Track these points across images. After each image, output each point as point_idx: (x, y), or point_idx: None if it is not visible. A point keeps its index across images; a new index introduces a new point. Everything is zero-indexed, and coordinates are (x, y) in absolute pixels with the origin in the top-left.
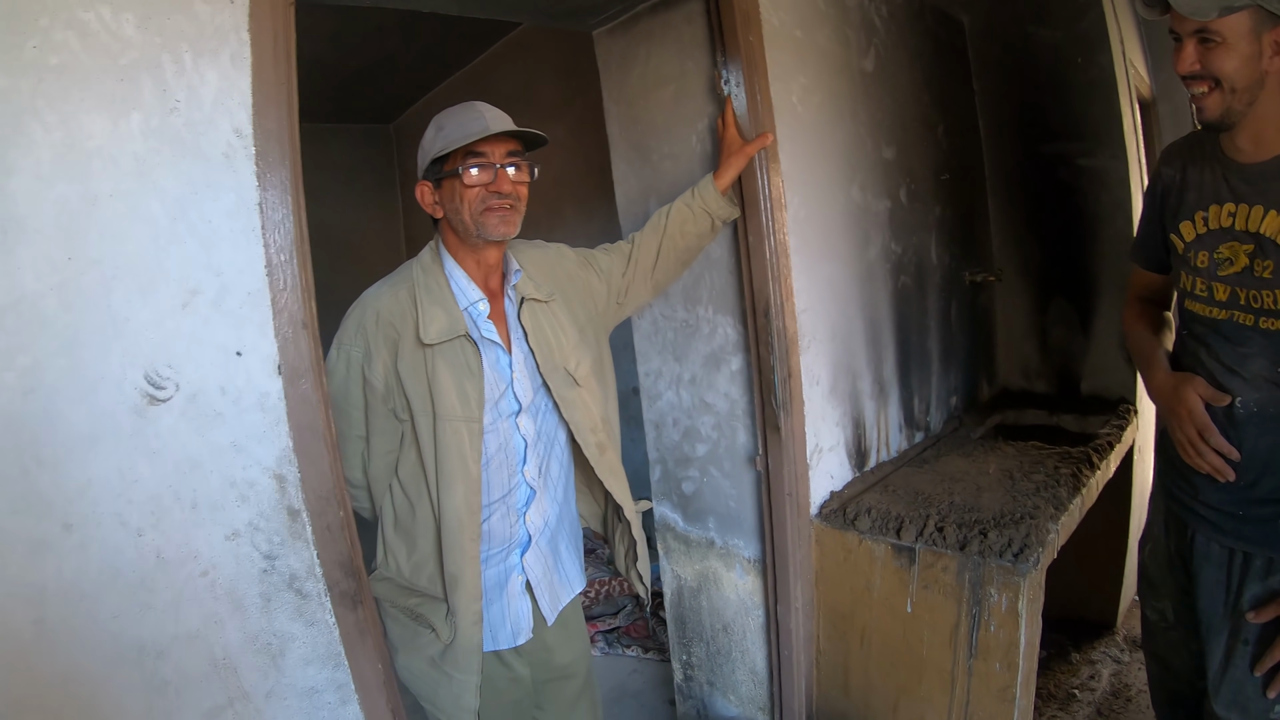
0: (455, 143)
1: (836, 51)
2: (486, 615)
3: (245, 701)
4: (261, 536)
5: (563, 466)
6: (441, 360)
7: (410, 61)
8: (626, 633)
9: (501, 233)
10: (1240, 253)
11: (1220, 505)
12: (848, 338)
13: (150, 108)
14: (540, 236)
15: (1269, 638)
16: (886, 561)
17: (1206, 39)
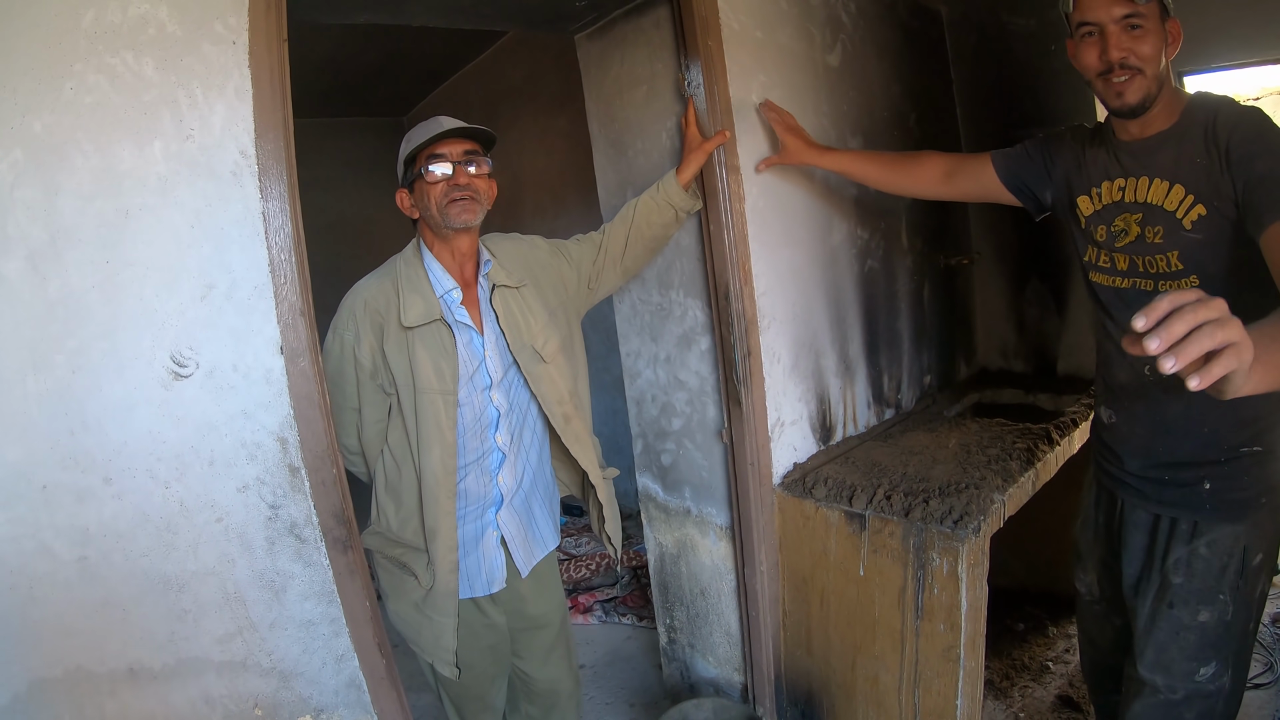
0: (417, 145)
1: (799, 49)
2: (463, 565)
3: (252, 630)
4: (267, 489)
5: (536, 435)
6: (420, 341)
7: (421, 57)
8: (623, 602)
9: (464, 220)
10: (1132, 223)
11: (1143, 472)
12: (809, 318)
13: (169, 136)
14: (545, 223)
15: (1191, 600)
16: (840, 527)
17: (1134, 24)
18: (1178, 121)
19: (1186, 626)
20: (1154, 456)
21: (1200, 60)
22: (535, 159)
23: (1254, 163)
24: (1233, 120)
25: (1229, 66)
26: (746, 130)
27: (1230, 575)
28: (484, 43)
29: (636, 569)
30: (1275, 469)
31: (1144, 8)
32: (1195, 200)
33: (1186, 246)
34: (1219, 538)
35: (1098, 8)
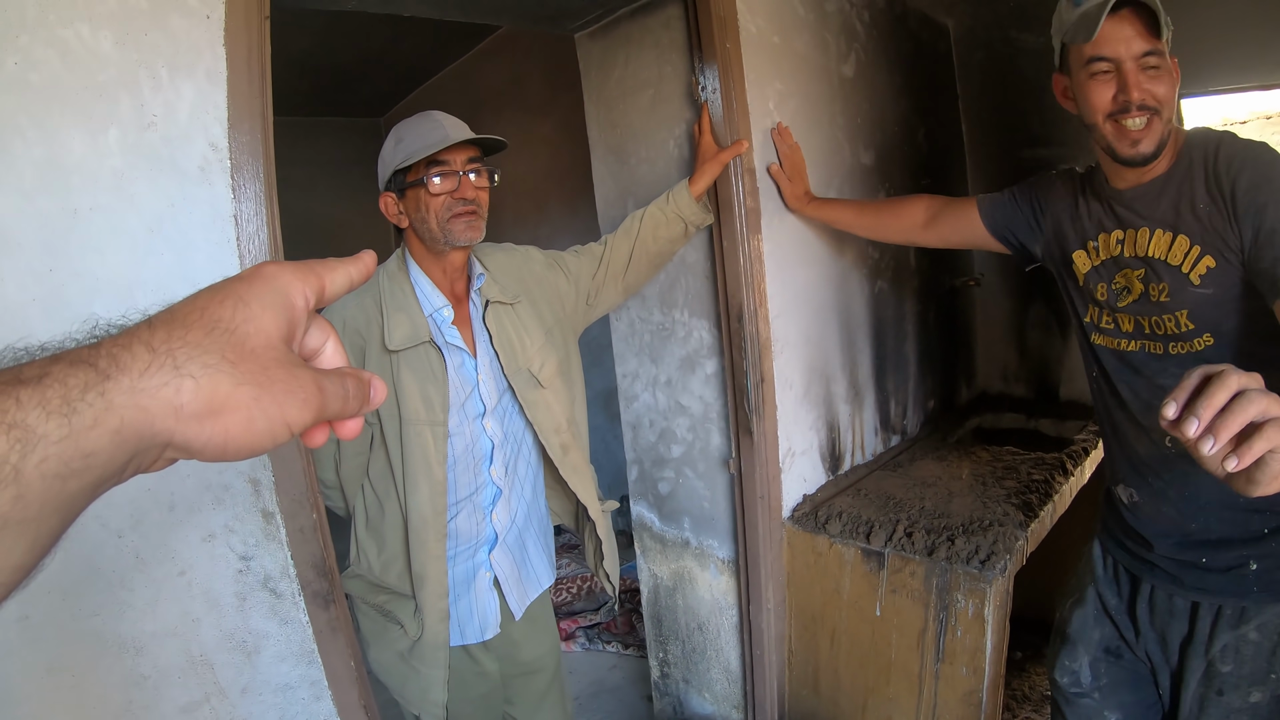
0: (418, 154)
1: (814, 57)
2: (454, 611)
3: (221, 697)
4: (236, 538)
5: (530, 466)
6: (406, 366)
7: (400, 57)
8: (607, 629)
9: (469, 238)
10: (1134, 279)
11: (1177, 555)
12: (822, 342)
13: (128, 123)
14: (527, 231)
15: (1243, 685)
16: (856, 565)
17: (1153, 65)
18: (1175, 163)
19: (1238, 710)
20: (1188, 536)
21: (1195, 84)
22: (517, 165)
23: (1265, 213)
24: (1237, 160)
25: (1223, 91)
26: (764, 140)
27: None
28: (466, 44)
29: (622, 594)
30: None
31: (1162, 45)
32: (1202, 252)
33: (1196, 304)
34: (1269, 619)
35: (1117, 42)
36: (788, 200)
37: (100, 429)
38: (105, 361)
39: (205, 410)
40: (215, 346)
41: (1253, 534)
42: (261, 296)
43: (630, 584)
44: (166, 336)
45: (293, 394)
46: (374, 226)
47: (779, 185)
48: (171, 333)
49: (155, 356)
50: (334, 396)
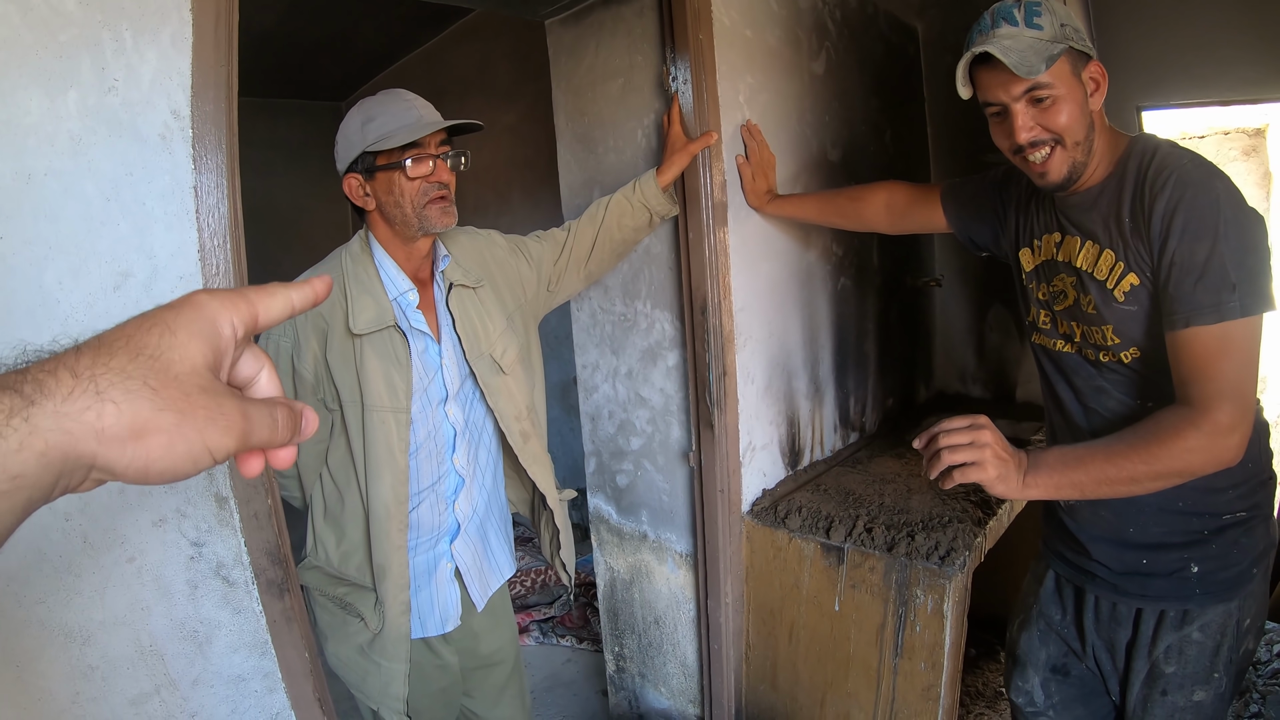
0: (396, 136)
1: (787, 52)
2: (415, 602)
3: (172, 689)
4: (189, 523)
5: (491, 454)
6: (370, 350)
7: (365, 39)
8: (561, 622)
9: (445, 224)
10: (1068, 285)
11: (1117, 563)
12: (784, 337)
13: (88, 86)
14: (487, 220)
15: (1186, 684)
16: (815, 560)
17: (1040, 98)
18: (1111, 173)
19: (1182, 709)
20: (1126, 541)
21: (1156, 98)
22: (480, 153)
23: (1169, 240)
24: (1162, 178)
25: (1183, 105)
26: (734, 133)
27: (1225, 652)
28: (433, 28)
29: (576, 587)
30: (1262, 533)
31: (1046, 76)
32: (1126, 269)
33: (1120, 320)
34: (1211, 620)
35: (995, 88)
36: (749, 197)
37: (26, 452)
38: (30, 387)
39: (126, 434)
40: (139, 373)
41: (1192, 537)
42: (189, 325)
43: (585, 578)
44: (91, 362)
45: (214, 421)
46: (334, 211)
47: (742, 179)
48: (96, 359)
49: (79, 382)
50: (261, 425)
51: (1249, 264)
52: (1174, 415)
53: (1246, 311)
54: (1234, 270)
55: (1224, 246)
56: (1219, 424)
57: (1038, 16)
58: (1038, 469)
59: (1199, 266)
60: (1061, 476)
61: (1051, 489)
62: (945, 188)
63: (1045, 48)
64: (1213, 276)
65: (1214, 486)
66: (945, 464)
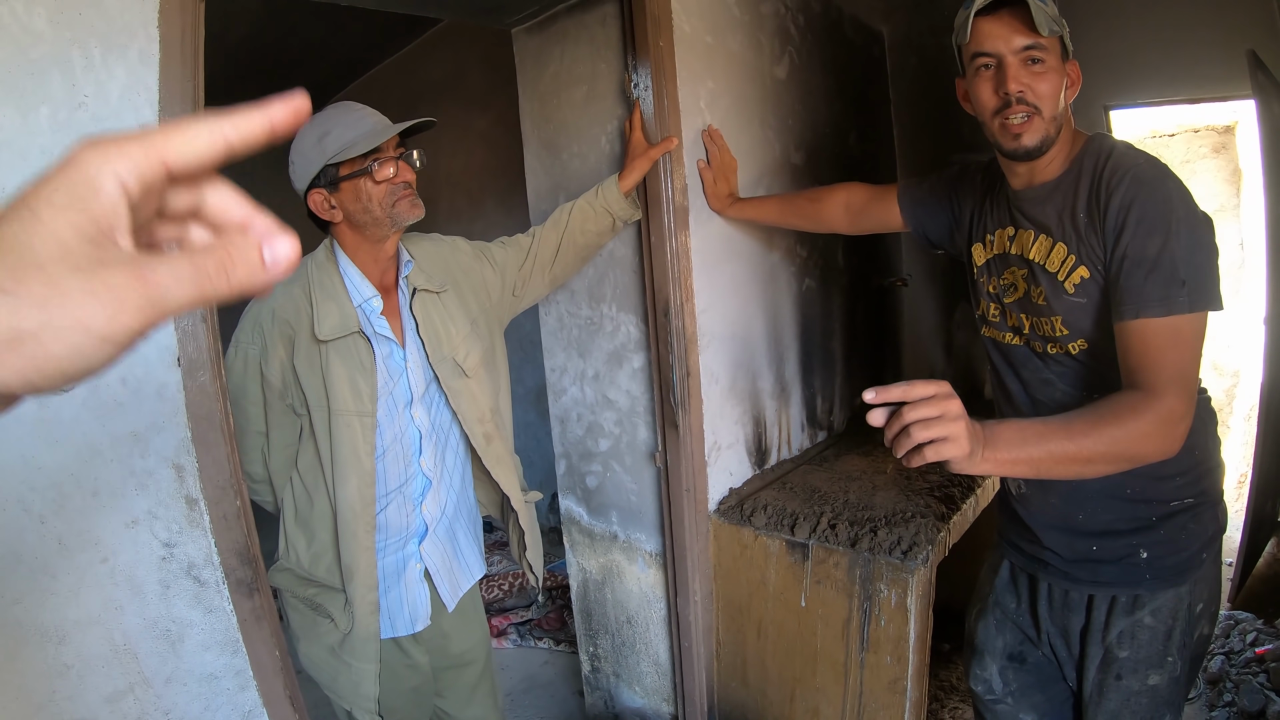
0: (357, 145)
1: (748, 57)
2: (384, 603)
3: (145, 687)
4: (160, 524)
5: (459, 456)
6: (336, 356)
7: (340, 48)
8: (538, 625)
9: (415, 215)
10: (1019, 278)
11: (1067, 550)
12: (748, 338)
13: (59, 102)
14: (460, 226)
15: (1140, 669)
16: (781, 557)
17: (1035, 58)
18: (1067, 170)
19: (1137, 693)
20: (1075, 527)
21: (1125, 96)
22: (454, 160)
23: (1123, 234)
24: (1118, 176)
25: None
26: (695, 138)
27: (1177, 636)
28: (406, 36)
29: (553, 590)
30: (1210, 518)
31: (1046, 40)
32: (1077, 262)
33: (1069, 311)
34: (1162, 604)
35: (996, 37)
36: (710, 201)
37: None
38: None
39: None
40: None
41: (1141, 523)
42: (55, 196)
43: (561, 579)
44: None
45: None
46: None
47: (704, 183)
48: None
49: None
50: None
51: (1198, 262)
52: (1129, 398)
53: (1194, 307)
54: (1184, 267)
55: (1175, 243)
56: (1171, 411)
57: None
58: (994, 444)
59: (1150, 260)
60: (1019, 451)
61: (1007, 464)
62: (902, 186)
63: (1050, 20)
64: (1163, 271)
65: (1161, 474)
66: (915, 441)
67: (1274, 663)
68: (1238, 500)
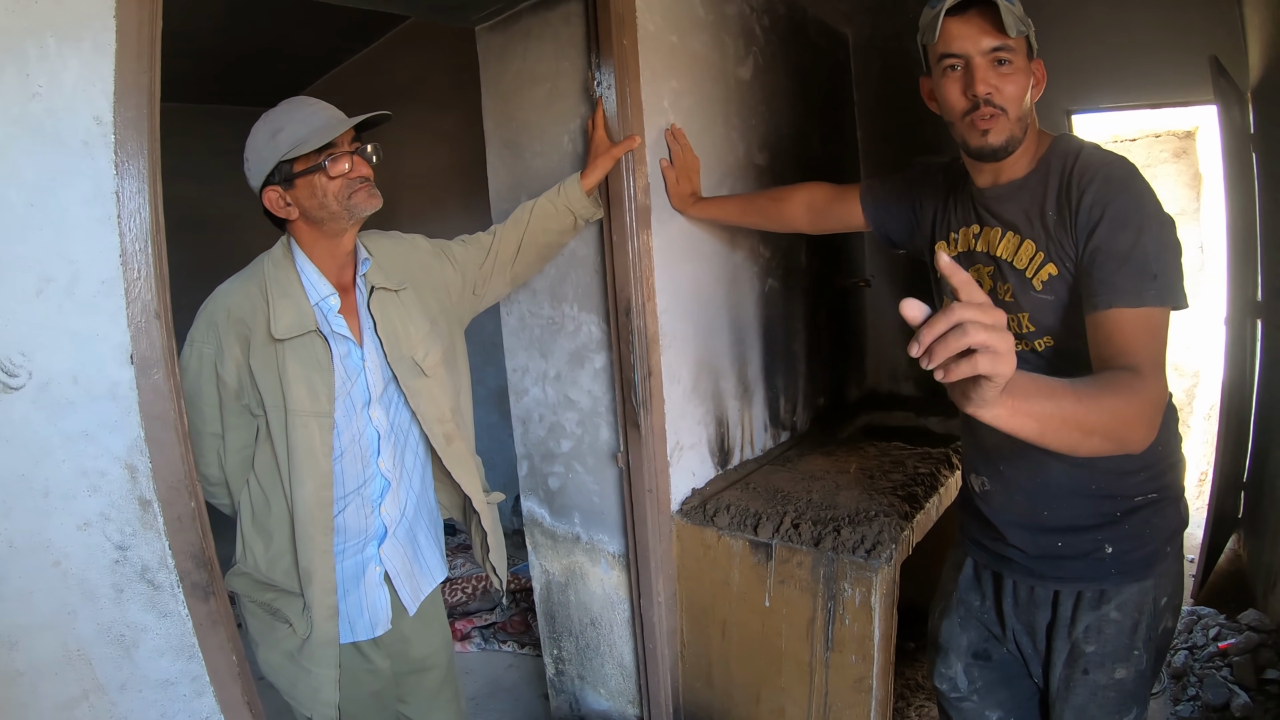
0: (310, 141)
1: (712, 58)
2: (343, 607)
3: (100, 694)
4: (113, 526)
5: (418, 457)
6: (292, 355)
7: (304, 45)
8: (503, 628)
9: (373, 205)
10: (985, 275)
11: (1032, 546)
12: (710, 338)
13: (12, 93)
14: (423, 227)
15: (1107, 663)
16: (744, 557)
17: (1003, 59)
18: (1035, 169)
19: (1104, 686)
20: (1040, 524)
21: (1088, 101)
22: (417, 161)
23: (1097, 229)
24: (1089, 174)
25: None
26: (658, 137)
27: (1143, 629)
28: (371, 34)
29: (517, 592)
30: (1173, 513)
31: (1013, 41)
32: (1045, 259)
33: (1036, 308)
34: (1128, 598)
35: (964, 38)
36: (672, 200)
37: None
38: None
39: None
40: None
41: (1105, 519)
42: None
43: (525, 583)
44: None
45: None
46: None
47: (666, 182)
48: None
49: None
50: None
51: (1166, 260)
52: (1124, 376)
53: (1163, 302)
54: (1154, 262)
55: (1147, 239)
56: (1157, 396)
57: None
58: (1010, 388)
59: (1123, 254)
60: (1032, 403)
61: (1020, 414)
62: (864, 186)
63: (1017, 21)
64: (1135, 264)
65: (1125, 469)
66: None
67: (1237, 657)
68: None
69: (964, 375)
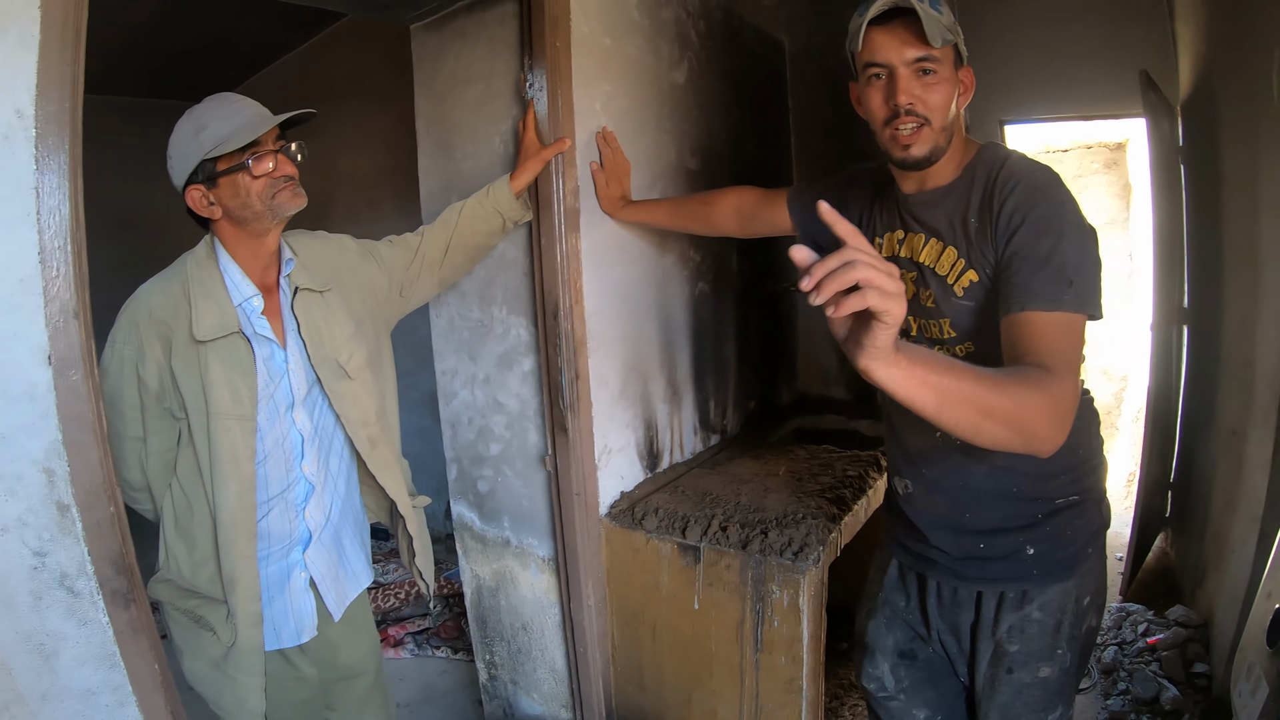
0: (234, 139)
1: (646, 61)
2: (268, 613)
3: (21, 704)
4: (30, 532)
5: (343, 461)
6: (214, 357)
7: (241, 41)
8: (436, 633)
9: (297, 205)
10: (908, 281)
11: (955, 548)
12: (639, 341)
13: None
14: (358, 228)
15: (1031, 662)
16: (673, 560)
17: (927, 69)
18: (959, 177)
19: (1029, 685)
20: (962, 526)
21: (1019, 112)
22: (353, 160)
23: (1016, 235)
24: (1012, 182)
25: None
26: (589, 140)
27: (1066, 628)
28: (308, 32)
29: (449, 597)
30: (1095, 514)
31: (938, 52)
32: (967, 265)
33: (957, 314)
34: (1050, 598)
35: (888, 48)
36: (602, 203)
37: None
38: None
39: None
40: None
41: (1027, 520)
42: None
43: (458, 587)
44: None
45: None
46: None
47: (596, 185)
48: None
49: None
50: None
51: (1085, 268)
52: (1035, 371)
53: (1079, 308)
54: (1072, 269)
55: (1066, 246)
56: (1066, 395)
57: (940, 3)
58: (910, 350)
59: (1041, 259)
60: (930, 372)
61: (917, 379)
62: (791, 190)
63: (943, 30)
64: (1052, 269)
65: (1046, 472)
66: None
67: (1165, 652)
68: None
69: (854, 308)
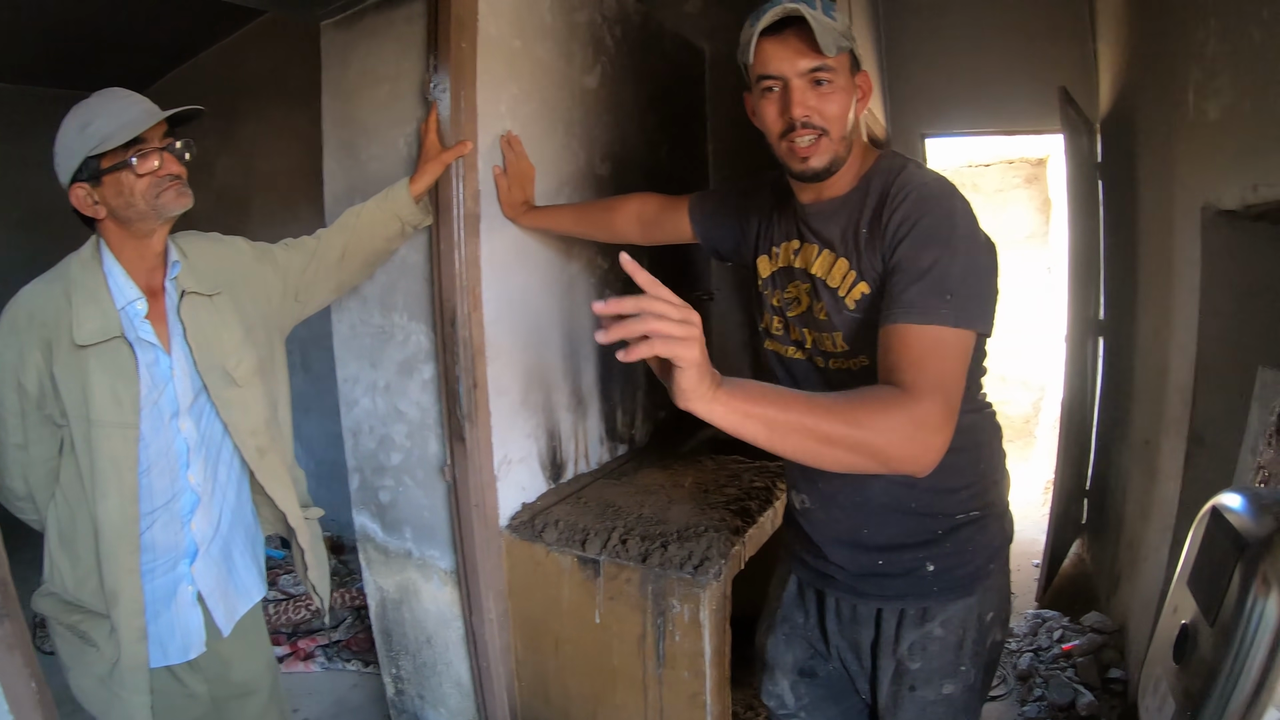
0: (116, 136)
1: (558, 65)
2: (154, 629)
3: None
4: None
5: (233, 471)
6: (96, 362)
7: (163, 31)
8: (347, 646)
9: (182, 205)
10: (802, 292)
11: (853, 564)
12: (542, 349)
13: None
14: (275, 230)
15: (934, 679)
16: (574, 573)
17: (821, 80)
18: (856, 186)
19: (933, 703)
20: (860, 542)
21: (941, 125)
22: (271, 160)
23: (901, 245)
24: (904, 193)
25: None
26: (493, 143)
27: (969, 645)
28: (229, 26)
29: (360, 609)
30: (996, 530)
31: (833, 60)
32: (858, 278)
33: (849, 326)
34: (952, 615)
35: (781, 59)
36: (504, 208)
37: None
38: None
39: None
40: None
41: (927, 536)
42: None
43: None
44: None
45: None
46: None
47: (498, 190)
48: None
49: None
50: None
51: (970, 282)
52: (885, 391)
53: (958, 323)
54: (954, 283)
55: (949, 258)
56: (927, 416)
57: (833, 9)
58: (733, 386)
59: (921, 271)
60: (755, 406)
61: (739, 412)
62: (693, 198)
63: (837, 37)
64: (930, 282)
65: (946, 487)
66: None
67: (1081, 657)
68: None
69: (641, 356)
